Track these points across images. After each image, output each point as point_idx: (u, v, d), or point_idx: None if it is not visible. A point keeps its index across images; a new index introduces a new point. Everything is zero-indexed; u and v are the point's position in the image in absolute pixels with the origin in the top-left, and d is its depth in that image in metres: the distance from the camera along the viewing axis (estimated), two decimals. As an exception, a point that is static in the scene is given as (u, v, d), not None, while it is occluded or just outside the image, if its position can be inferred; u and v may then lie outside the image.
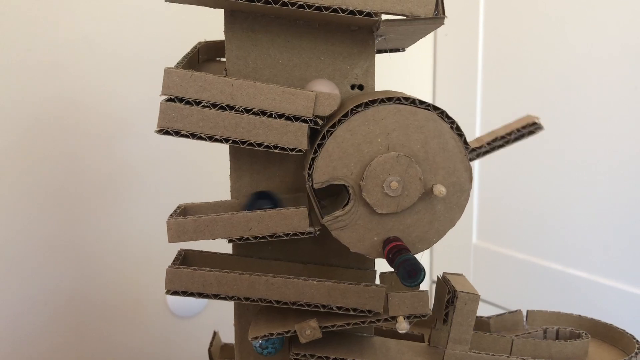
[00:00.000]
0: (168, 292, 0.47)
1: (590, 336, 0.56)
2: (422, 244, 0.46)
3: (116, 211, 0.90)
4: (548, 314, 0.60)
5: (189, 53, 0.52)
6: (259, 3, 0.43)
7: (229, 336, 0.58)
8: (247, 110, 0.45)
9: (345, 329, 0.48)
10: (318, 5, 0.43)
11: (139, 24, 0.87)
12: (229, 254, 0.52)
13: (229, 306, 0.54)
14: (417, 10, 0.44)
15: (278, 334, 0.48)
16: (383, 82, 0.59)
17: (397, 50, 0.56)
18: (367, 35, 0.48)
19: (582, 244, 0.95)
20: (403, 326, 0.47)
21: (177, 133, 0.45)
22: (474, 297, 0.48)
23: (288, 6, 0.43)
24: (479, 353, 0.50)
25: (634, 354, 0.53)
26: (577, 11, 0.92)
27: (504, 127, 0.48)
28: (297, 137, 0.45)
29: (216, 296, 0.47)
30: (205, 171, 0.90)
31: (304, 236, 0.47)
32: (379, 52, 0.54)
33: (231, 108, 0.45)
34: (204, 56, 0.55)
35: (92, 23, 0.85)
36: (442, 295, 0.50)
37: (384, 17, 0.45)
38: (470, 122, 1.10)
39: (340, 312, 0.48)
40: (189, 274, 0.47)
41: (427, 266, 1.25)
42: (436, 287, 0.52)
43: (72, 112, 0.85)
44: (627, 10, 0.86)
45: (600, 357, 0.55)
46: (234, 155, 0.50)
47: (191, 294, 0.48)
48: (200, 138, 0.45)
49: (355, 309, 0.47)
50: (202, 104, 0.44)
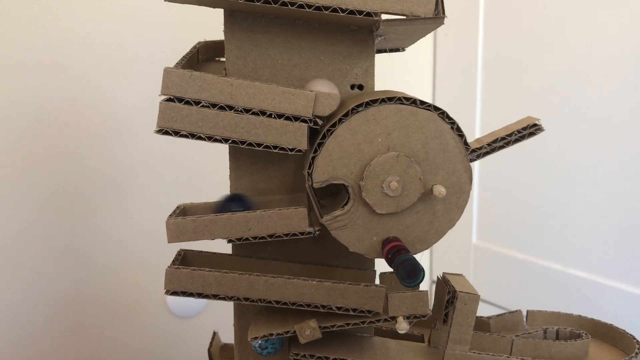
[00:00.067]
0: (167, 293, 0.47)
1: (590, 336, 0.56)
2: (422, 244, 0.46)
3: (116, 211, 0.90)
4: (548, 314, 0.60)
5: (188, 53, 0.52)
6: (258, 3, 0.43)
7: (228, 336, 0.58)
8: (247, 110, 0.45)
9: (345, 329, 0.48)
10: (318, 5, 0.43)
11: (139, 24, 0.87)
12: (229, 254, 0.52)
13: (229, 306, 0.54)
14: (417, 10, 0.44)
15: (277, 334, 0.48)
16: (383, 82, 0.59)
17: (397, 50, 0.56)
18: (366, 35, 0.48)
19: (582, 244, 0.95)
20: (403, 326, 0.47)
21: (177, 133, 0.45)
22: (474, 297, 0.48)
23: (287, 6, 0.43)
24: (479, 353, 0.50)
25: (634, 354, 0.53)
26: (577, 11, 0.92)
27: (504, 128, 0.48)
28: (296, 137, 0.45)
29: (215, 296, 0.47)
30: (205, 171, 0.90)
31: (303, 236, 0.47)
32: (379, 52, 0.54)
33: (230, 108, 0.45)
34: (203, 56, 0.54)
35: (92, 23, 0.84)
36: (442, 296, 0.50)
37: (383, 16, 0.45)
38: (470, 122, 1.10)
39: (340, 312, 0.47)
40: (189, 274, 0.47)
41: (427, 266, 1.25)
42: (436, 287, 0.52)
43: (72, 112, 0.85)
44: (627, 10, 0.86)
45: (601, 357, 0.55)
46: (234, 155, 0.50)
47: (190, 294, 0.47)
48: (200, 138, 0.45)
49: (354, 309, 0.47)
50: (202, 103, 0.44)
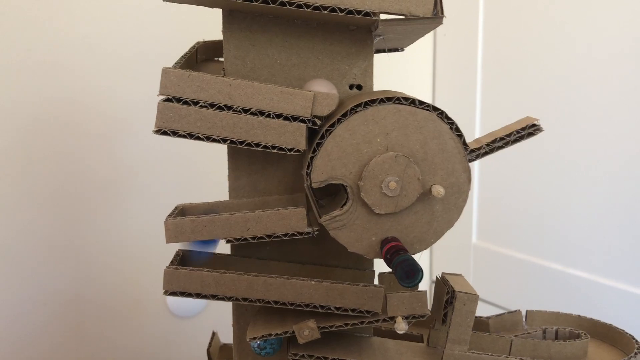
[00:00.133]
0: (166, 293, 0.47)
1: (589, 336, 0.56)
2: (420, 244, 0.46)
3: (116, 211, 0.90)
4: (547, 314, 0.60)
5: (187, 53, 0.52)
6: (256, 3, 0.43)
7: (228, 336, 0.58)
8: (245, 111, 0.45)
9: (344, 329, 0.48)
10: (316, 4, 0.43)
11: (138, 24, 0.87)
12: (227, 255, 0.52)
13: (229, 307, 0.54)
14: (415, 10, 0.44)
15: (276, 334, 0.48)
16: (383, 82, 0.59)
17: (395, 50, 0.56)
18: (365, 35, 0.48)
19: (582, 244, 0.95)
20: (402, 326, 0.47)
21: (175, 133, 0.45)
22: (473, 298, 0.48)
23: (286, 6, 0.43)
24: (478, 353, 0.50)
25: (633, 354, 0.53)
26: (577, 11, 0.92)
27: (503, 129, 0.48)
28: (295, 137, 0.45)
29: (214, 297, 0.47)
30: (206, 171, 0.90)
31: (302, 236, 0.46)
32: (378, 51, 0.54)
33: (229, 108, 0.44)
34: (202, 56, 0.54)
35: (92, 23, 0.84)
36: (440, 296, 0.50)
37: (382, 16, 0.45)
38: (470, 122, 1.10)
39: (339, 312, 0.47)
40: (187, 274, 0.47)
41: (427, 266, 1.25)
42: (435, 287, 0.52)
43: (72, 112, 0.85)
44: (627, 11, 0.86)
45: (600, 357, 0.55)
46: (232, 155, 0.50)
47: (189, 295, 0.47)
48: (198, 138, 0.45)
49: (353, 310, 0.47)
50: (200, 104, 0.44)
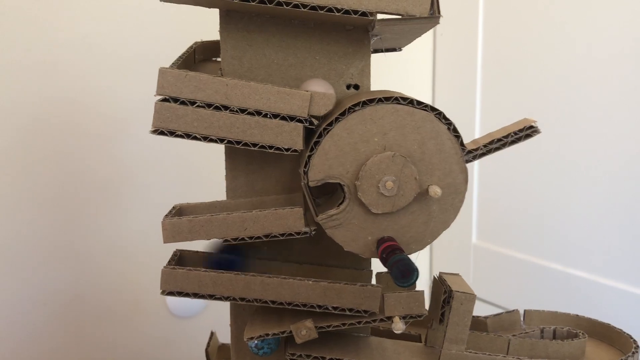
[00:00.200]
0: (163, 293, 0.47)
1: (587, 336, 0.56)
2: (417, 244, 0.46)
3: (116, 211, 0.90)
4: (545, 313, 0.60)
5: (184, 53, 0.52)
6: (253, 3, 0.43)
7: (228, 336, 0.58)
8: (242, 110, 0.45)
9: (341, 329, 0.48)
10: (313, 4, 0.43)
11: (138, 24, 0.87)
12: (225, 254, 0.52)
13: (228, 307, 0.54)
14: (412, 10, 0.44)
15: (274, 334, 0.48)
16: (383, 82, 0.59)
17: (393, 50, 0.56)
18: (362, 35, 0.48)
19: (582, 244, 0.95)
20: (399, 326, 0.47)
21: (172, 133, 0.45)
22: (470, 297, 0.48)
23: (283, 6, 0.43)
24: (476, 353, 0.50)
25: (630, 353, 0.53)
26: (577, 11, 0.92)
27: (501, 130, 0.48)
28: (292, 137, 0.45)
29: (211, 296, 0.47)
30: (206, 172, 0.90)
31: (299, 236, 0.46)
32: (376, 51, 0.54)
33: (226, 108, 0.45)
34: (200, 56, 0.54)
35: (92, 23, 0.85)
36: (438, 295, 0.50)
37: (379, 16, 0.45)
38: (470, 122, 1.10)
39: (336, 312, 0.47)
40: (184, 274, 0.47)
41: (427, 266, 1.25)
42: (432, 287, 0.52)
43: (72, 112, 0.85)
44: (627, 11, 0.86)
45: (598, 356, 0.55)
46: (230, 155, 0.50)
47: (187, 295, 0.48)
48: (195, 138, 0.45)
49: (351, 309, 0.47)
50: (197, 104, 0.44)
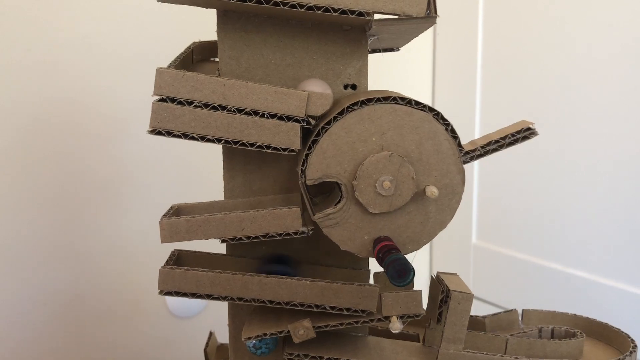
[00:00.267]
0: (161, 293, 0.47)
1: (585, 335, 0.56)
2: (413, 244, 0.46)
3: (115, 211, 0.90)
4: (543, 313, 0.60)
5: (182, 53, 0.52)
6: (250, 3, 0.43)
7: (227, 336, 0.58)
8: (240, 110, 0.45)
9: (339, 329, 0.48)
10: (310, 4, 0.43)
11: (138, 24, 0.88)
12: (223, 254, 0.52)
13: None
14: (408, 10, 0.44)
15: (271, 334, 0.48)
16: (382, 82, 0.59)
17: (391, 50, 0.56)
18: (359, 35, 0.48)
19: (582, 244, 0.95)
20: (396, 326, 0.47)
21: (169, 133, 0.45)
22: (467, 297, 0.48)
23: (280, 6, 0.43)
24: (473, 352, 0.50)
25: (628, 352, 0.53)
26: (577, 11, 0.92)
27: (499, 132, 0.48)
28: (289, 137, 0.45)
29: (209, 296, 0.47)
30: (204, 172, 0.90)
31: (297, 236, 0.46)
32: (373, 51, 0.54)
33: (223, 108, 0.45)
34: (198, 56, 0.55)
35: (92, 23, 0.85)
36: (435, 295, 0.50)
37: (376, 16, 0.45)
38: (470, 122, 1.10)
39: (334, 312, 0.47)
40: (182, 274, 0.47)
41: (427, 266, 1.25)
42: (430, 286, 0.52)
43: (71, 112, 0.85)
44: (627, 10, 0.86)
45: (595, 356, 0.55)
46: (227, 155, 0.50)
47: (184, 294, 0.48)
48: (193, 138, 0.45)
49: (348, 309, 0.47)
50: (195, 104, 0.44)
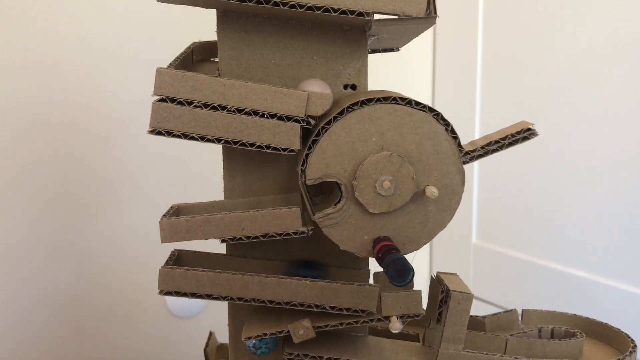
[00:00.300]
0: (161, 293, 0.47)
1: (585, 335, 0.56)
2: (412, 244, 0.46)
3: (115, 212, 0.90)
4: (543, 313, 0.60)
5: (182, 53, 0.52)
6: (250, 3, 0.43)
7: (227, 336, 0.58)
8: (239, 110, 0.45)
9: (339, 329, 0.48)
10: (310, 4, 0.43)
11: (138, 24, 0.88)
12: (223, 254, 0.52)
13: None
14: (408, 10, 0.44)
15: (271, 334, 0.48)
16: (382, 82, 0.59)
17: (390, 50, 0.56)
18: (359, 35, 0.48)
19: (582, 244, 0.95)
20: (396, 326, 0.47)
21: (169, 133, 0.45)
22: (467, 297, 0.48)
23: (280, 6, 0.43)
24: (473, 352, 0.50)
25: (628, 352, 0.53)
26: (577, 11, 0.92)
27: (499, 132, 0.48)
28: (289, 137, 0.45)
29: (209, 296, 0.47)
30: (204, 172, 0.90)
31: (297, 236, 0.47)
32: (373, 51, 0.54)
33: (223, 108, 0.45)
34: (198, 56, 0.55)
35: (92, 23, 0.85)
36: (435, 295, 0.50)
37: (376, 16, 0.45)
38: (470, 122, 1.10)
39: (334, 311, 0.47)
40: (182, 274, 0.47)
41: (427, 265, 1.25)
42: (430, 286, 0.52)
43: (71, 112, 0.85)
44: (626, 10, 0.86)
45: (595, 356, 0.55)
46: (227, 155, 0.50)
47: (184, 294, 0.48)
48: (193, 138, 0.45)
49: (348, 309, 0.47)
50: (194, 104, 0.45)
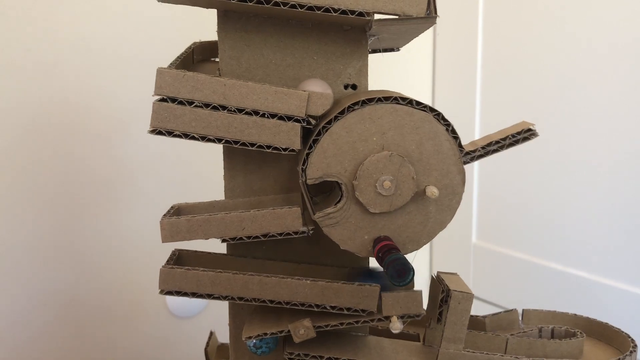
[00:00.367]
0: (162, 292, 0.47)
1: (585, 335, 0.56)
2: (412, 244, 0.46)
3: (115, 212, 0.90)
4: (544, 313, 0.60)
5: (183, 53, 0.52)
6: (251, 3, 0.43)
7: (227, 336, 0.58)
8: (240, 110, 0.45)
9: (339, 328, 0.48)
10: (310, 4, 0.43)
11: (138, 24, 0.88)
12: (223, 254, 0.52)
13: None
14: (408, 10, 0.44)
15: (272, 333, 0.48)
16: (382, 82, 0.59)
17: (391, 50, 0.56)
18: (359, 35, 0.48)
19: (582, 243, 0.95)
20: (396, 326, 0.47)
21: (170, 133, 0.45)
22: (468, 296, 0.48)
23: (280, 6, 0.43)
24: (473, 352, 0.50)
25: (628, 352, 0.53)
26: (577, 11, 0.92)
27: (499, 132, 0.48)
28: (289, 136, 0.45)
29: (210, 296, 0.47)
30: (205, 172, 0.90)
31: (297, 236, 0.47)
32: (374, 51, 0.54)
33: (224, 108, 0.45)
34: (198, 56, 0.55)
35: (92, 23, 0.85)
36: (436, 295, 0.50)
37: (376, 16, 0.45)
38: (470, 121, 1.10)
39: (334, 311, 0.48)
40: (183, 273, 0.47)
41: (427, 266, 1.25)
42: (430, 286, 0.52)
43: (71, 112, 0.85)
44: (626, 10, 0.86)
45: (596, 355, 0.55)
46: (228, 155, 0.50)
47: (185, 294, 0.48)
48: (193, 138, 0.45)
49: (349, 309, 0.47)
50: (195, 104, 0.45)
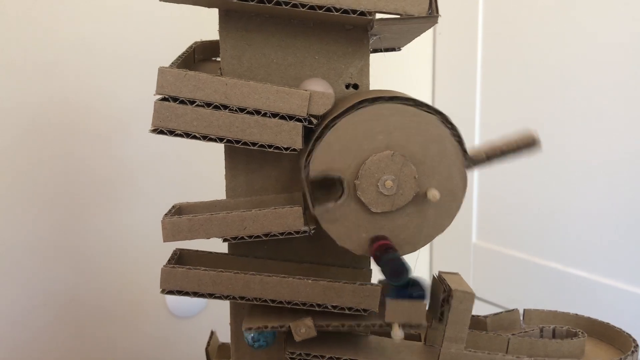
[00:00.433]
0: (163, 292, 0.47)
1: (586, 335, 0.56)
2: (409, 246, 0.46)
3: (115, 211, 0.90)
4: (545, 312, 0.60)
5: (184, 53, 0.52)
6: (252, 2, 0.43)
7: (228, 336, 0.58)
8: (241, 110, 0.45)
9: (341, 330, 0.48)
10: (312, 4, 0.43)
11: (139, 24, 0.88)
12: (224, 254, 0.52)
13: (228, 306, 0.54)
14: (410, 9, 0.44)
15: (273, 327, 0.48)
16: (383, 81, 0.59)
17: (392, 50, 0.56)
18: (361, 34, 0.48)
19: (582, 243, 0.95)
20: (397, 334, 0.46)
21: (172, 132, 0.45)
22: (469, 296, 0.48)
23: (281, 5, 0.43)
24: (475, 352, 0.50)
25: (630, 352, 0.53)
26: (577, 10, 0.92)
27: (504, 141, 0.47)
28: (291, 136, 0.45)
29: (211, 295, 0.47)
30: (206, 171, 0.90)
31: (299, 235, 0.46)
32: (375, 51, 0.54)
33: (225, 107, 0.45)
34: (199, 56, 0.55)
35: (92, 23, 0.85)
36: (437, 294, 0.50)
37: (378, 15, 0.45)
38: (470, 121, 1.10)
39: (336, 311, 0.47)
40: (184, 273, 0.47)
41: (427, 266, 1.25)
42: (431, 286, 0.52)
43: (71, 112, 0.85)
44: (627, 10, 0.86)
45: (597, 355, 0.55)
46: (229, 154, 0.50)
47: (186, 293, 0.48)
48: (195, 137, 0.45)
49: (350, 308, 0.47)
50: (196, 103, 0.45)
